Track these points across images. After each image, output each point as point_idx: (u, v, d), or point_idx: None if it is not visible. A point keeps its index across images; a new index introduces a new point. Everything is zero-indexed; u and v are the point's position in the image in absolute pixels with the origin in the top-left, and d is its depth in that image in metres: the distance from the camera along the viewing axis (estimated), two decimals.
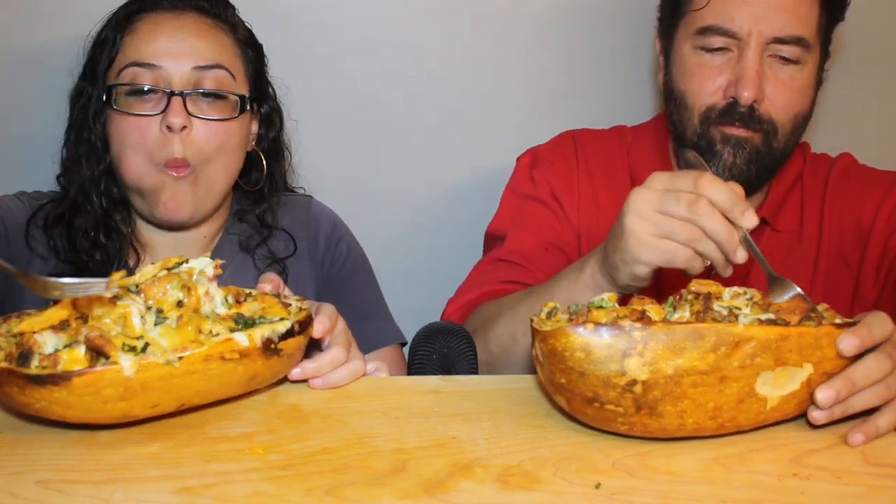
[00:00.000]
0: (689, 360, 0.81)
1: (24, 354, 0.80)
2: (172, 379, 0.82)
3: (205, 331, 0.84)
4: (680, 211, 0.96)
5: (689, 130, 1.33)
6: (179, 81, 1.21)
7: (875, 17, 1.76)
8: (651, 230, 0.98)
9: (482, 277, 1.40)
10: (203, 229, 1.33)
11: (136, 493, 0.76)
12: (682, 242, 0.98)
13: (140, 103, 1.21)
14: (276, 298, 0.94)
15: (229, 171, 1.28)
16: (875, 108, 1.83)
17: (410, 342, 1.25)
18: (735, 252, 0.97)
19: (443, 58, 1.72)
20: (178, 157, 1.20)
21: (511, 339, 1.21)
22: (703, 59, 1.31)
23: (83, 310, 0.84)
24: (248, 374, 0.87)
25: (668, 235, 0.98)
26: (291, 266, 1.36)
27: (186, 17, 1.25)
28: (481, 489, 0.78)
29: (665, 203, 0.97)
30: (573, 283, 1.13)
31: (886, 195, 1.38)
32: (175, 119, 1.18)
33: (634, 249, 1.00)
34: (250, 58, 1.31)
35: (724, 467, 0.83)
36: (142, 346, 0.81)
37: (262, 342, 0.86)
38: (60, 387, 0.78)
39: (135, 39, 1.23)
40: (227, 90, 1.24)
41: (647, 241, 0.99)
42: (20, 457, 0.81)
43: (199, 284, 0.88)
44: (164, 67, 1.21)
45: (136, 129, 1.21)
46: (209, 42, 1.25)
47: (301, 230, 1.40)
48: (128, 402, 0.81)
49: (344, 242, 1.42)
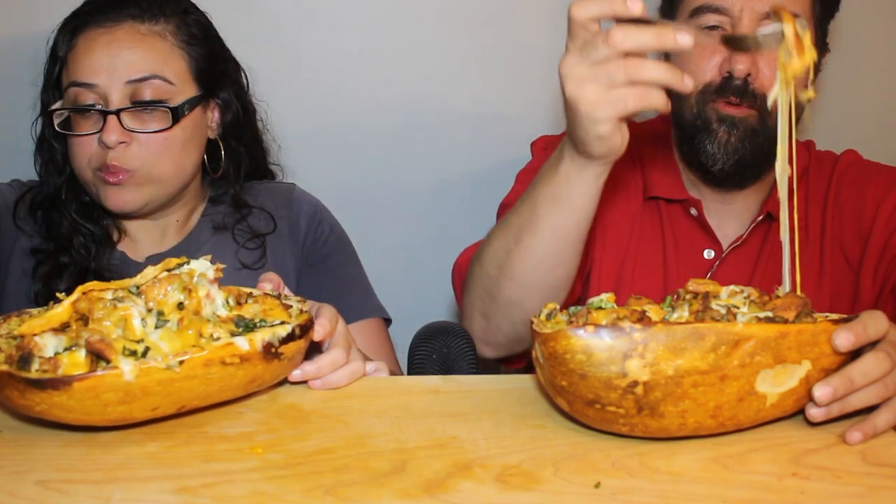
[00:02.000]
0: (690, 360, 0.81)
1: (25, 358, 0.79)
2: (173, 383, 0.82)
3: (205, 334, 0.84)
4: (604, 52, 0.93)
5: (687, 111, 1.34)
6: (116, 97, 1.25)
7: (875, 13, 1.76)
8: (593, 87, 0.95)
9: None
10: (175, 214, 1.38)
11: (136, 492, 0.76)
12: (626, 83, 0.95)
13: (82, 121, 1.27)
14: (277, 300, 0.93)
15: (181, 165, 1.32)
16: (878, 105, 1.83)
17: (410, 342, 1.25)
18: (676, 39, 0.93)
19: (441, 57, 1.72)
20: (111, 164, 1.25)
21: (504, 253, 1.16)
22: (698, 39, 1.31)
23: (84, 311, 0.84)
24: (248, 378, 0.87)
25: (610, 83, 0.94)
26: (271, 243, 1.40)
27: (119, 29, 1.27)
28: (481, 489, 0.78)
29: (588, 55, 0.94)
30: (554, 177, 1.09)
31: (886, 193, 1.37)
32: (109, 137, 1.24)
33: (589, 112, 0.96)
34: (196, 55, 1.32)
35: (723, 467, 0.83)
36: (142, 350, 0.81)
37: (263, 346, 0.86)
38: (61, 391, 0.78)
39: (74, 57, 1.27)
40: (164, 99, 1.27)
41: (595, 98, 0.95)
42: (20, 456, 0.81)
43: (199, 286, 0.87)
44: (100, 85, 1.25)
45: (79, 146, 1.27)
46: (142, 52, 1.27)
47: (281, 210, 1.43)
48: (128, 406, 0.81)
49: (326, 224, 1.45)
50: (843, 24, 1.41)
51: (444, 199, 1.79)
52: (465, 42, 1.72)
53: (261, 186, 1.46)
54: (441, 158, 1.77)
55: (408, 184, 1.77)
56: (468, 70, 1.73)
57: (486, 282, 1.21)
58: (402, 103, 1.74)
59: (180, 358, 0.81)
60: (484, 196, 1.64)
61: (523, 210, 1.13)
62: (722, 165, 1.32)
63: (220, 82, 1.37)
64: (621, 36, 0.91)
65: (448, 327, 1.24)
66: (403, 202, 1.78)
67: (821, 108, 1.77)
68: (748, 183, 1.37)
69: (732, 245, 1.39)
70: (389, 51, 1.71)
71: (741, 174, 1.34)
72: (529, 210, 1.12)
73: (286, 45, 1.67)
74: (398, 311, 1.47)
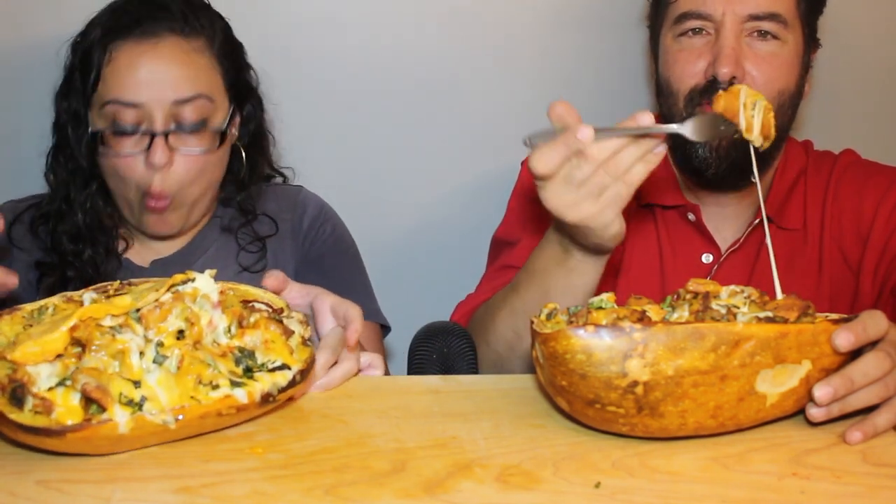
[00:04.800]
0: (690, 360, 0.81)
1: (18, 396, 0.78)
2: (167, 433, 0.81)
3: (205, 380, 0.82)
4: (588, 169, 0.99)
5: (676, 116, 1.34)
6: (161, 117, 1.22)
7: (872, 9, 1.76)
8: (589, 203, 1.01)
9: (488, 284, 1.41)
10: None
11: (136, 492, 0.76)
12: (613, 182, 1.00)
13: (124, 140, 1.23)
14: (279, 326, 0.90)
15: (212, 183, 1.32)
16: (875, 104, 1.83)
17: (410, 342, 1.25)
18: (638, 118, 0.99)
19: (445, 57, 1.72)
20: (156, 189, 1.23)
21: (515, 336, 1.21)
22: (683, 44, 1.33)
23: (80, 338, 0.82)
24: (240, 420, 0.87)
25: (600, 191, 1.01)
26: (273, 245, 1.39)
27: (163, 44, 1.24)
28: (481, 489, 0.78)
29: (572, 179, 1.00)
30: (563, 270, 1.14)
31: (886, 194, 1.37)
32: (157, 160, 1.21)
33: (598, 223, 1.03)
34: (227, 67, 1.31)
35: (723, 467, 0.83)
36: (139, 399, 0.79)
37: (262, 396, 0.84)
38: (54, 438, 0.77)
39: (114, 72, 1.23)
40: (206, 118, 1.25)
41: (596, 210, 1.02)
42: (20, 456, 0.81)
43: (202, 313, 0.86)
44: (145, 104, 1.22)
45: (126, 167, 1.24)
46: (188, 71, 1.24)
47: (286, 213, 1.42)
48: (119, 447, 0.81)
49: (329, 224, 1.44)
50: (839, 21, 1.41)
51: (446, 199, 1.79)
52: (475, 46, 1.72)
53: (269, 188, 1.45)
54: (443, 159, 1.77)
55: (409, 184, 1.77)
56: (476, 74, 1.73)
57: (494, 357, 1.25)
58: (408, 106, 1.73)
59: (178, 416, 0.80)
60: (486, 196, 1.65)
61: (532, 297, 1.17)
62: (715, 170, 1.32)
63: (246, 93, 1.36)
64: (597, 151, 0.98)
65: (448, 327, 1.24)
66: (404, 202, 1.78)
67: (818, 106, 1.77)
68: (743, 185, 1.37)
69: (730, 249, 1.39)
70: (396, 52, 1.71)
71: (736, 177, 1.33)
72: (541, 297, 1.16)
73: (294, 46, 1.67)
74: (398, 312, 1.46)
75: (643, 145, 1.00)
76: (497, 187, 1.54)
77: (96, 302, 0.87)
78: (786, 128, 1.36)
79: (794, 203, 1.40)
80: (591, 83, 1.75)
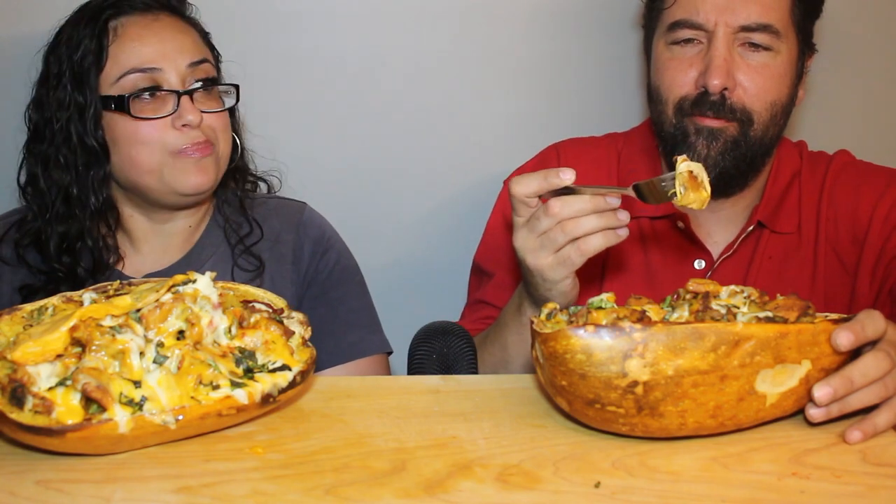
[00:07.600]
0: (690, 360, 0.81)
1: (18, 396, 0.78)
2: (167, 433, 0.81)
3: (205, 380, 0.82)
4: (546, 223, 1.07)
5: (666, 124, 1.34)
6: (178, 79, 1.26)
7: (866, 13, 1.76)
8: (544, 254, 1.09)
9: (469, 317, 1.49)
10: (189, 219, 1.35)
11: (136, 492, 0.76)
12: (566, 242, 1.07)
13: (149, 105, 1.24)
14: (280, 326, 0.90)
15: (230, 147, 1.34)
16: (870, 104, 1.83)
17: (410, 342, 1.25)
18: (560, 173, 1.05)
19: (438, 59, 1.72)
20: (200, 140, 1.26)
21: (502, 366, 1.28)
22: (675, 52, 1.33)
23: (81, 339, 0.82)
24: (240, 420, 0.87)
25: (554, 247, 1.08)
26: (271, 265, 1.36)
27: (163, 17, 1.29)
28: (481, 489, 0.78)
29: (534, 228, 1.09)
30: (521, 327, 1.23)
31: (882, 195, 1.36)
32: (191, 117, 1.24)
33: (547, 276, 1.11)
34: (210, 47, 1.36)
35: (723, 467, 0.83)
36: (139, 399, 0.79)
37: (262, 397, 0.85)
38: (54, 437, 0.77)
39: (123, 45, 1.25)
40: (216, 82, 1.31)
41: (548, 263, 1.09)
42: (20, 456, 0.81)
43: (202, 313, 0.86)
44: (164, 68, 1.25)
45: (152, 130, 1.24)
46: (191, 38, 1.31)
47: (288, 233, 1.39)
48: (118, 447, 0.81)
49: (333, 251, 1.40)
50: (835, 24, 1.40)
51: (447, 198, 1.79)
52: (474, 57, 1.72)
53: (271, 202, 1.42)
54: (438, 163, 1.77)
55: (403, 188, 1.77)
56: (475, 85, 1.73)
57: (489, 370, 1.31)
58: (403, 111, 1.73)
59: (178, 416, 0.80)
60: (480, 200, 1.64)
61: (494, 351, 1.30)
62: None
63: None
64: (559, 206, 1.05)
65: (448, 327, 1.24)
66: (404, 202, 1.78)
67: (812, 107, 1.77)
68: (734, 191, 1.37)
69: (723, 255, 1.38)
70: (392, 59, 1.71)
71: (726, 183, 1.33)
72: (500, 352, 1.29)
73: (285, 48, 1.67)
74: (398, 312, 1.46)
75: (606, 218, 1.05)
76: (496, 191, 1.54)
77: (96, 302, 0.87)
78: (778, 135, 1.35)
79: (787, 207, 1.40)
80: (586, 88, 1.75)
